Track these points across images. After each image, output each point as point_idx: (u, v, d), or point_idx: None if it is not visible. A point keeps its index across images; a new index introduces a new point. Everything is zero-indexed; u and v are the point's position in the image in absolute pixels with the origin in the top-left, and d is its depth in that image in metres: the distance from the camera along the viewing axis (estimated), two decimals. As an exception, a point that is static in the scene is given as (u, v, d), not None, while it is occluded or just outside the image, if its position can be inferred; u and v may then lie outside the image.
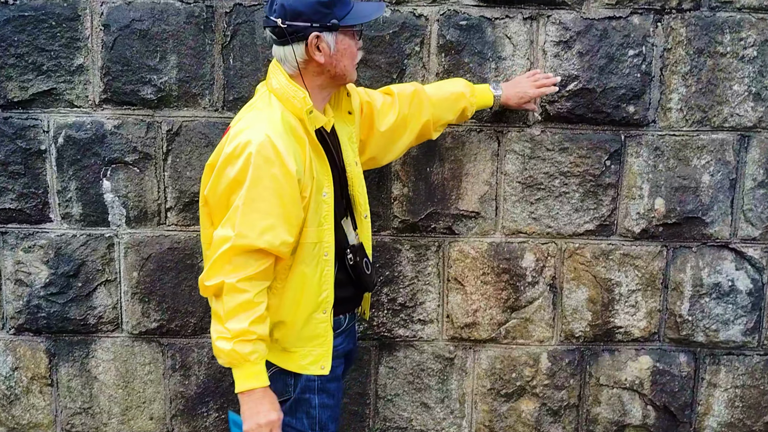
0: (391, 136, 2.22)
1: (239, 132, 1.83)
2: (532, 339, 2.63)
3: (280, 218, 1.81)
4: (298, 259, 1.92)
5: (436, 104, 2.25)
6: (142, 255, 2.53)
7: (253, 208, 1.79)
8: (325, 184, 1.93)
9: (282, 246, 1.81)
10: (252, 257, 1.79)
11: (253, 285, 1.80)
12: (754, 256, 2.58)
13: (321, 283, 1.95)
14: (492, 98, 2.34)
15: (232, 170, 1.79)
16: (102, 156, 2.46)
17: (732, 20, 2.43)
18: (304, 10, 1.80)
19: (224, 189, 1.83)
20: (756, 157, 2.51)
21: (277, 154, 1.78)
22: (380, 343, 2.64)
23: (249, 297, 1.78)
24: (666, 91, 2.47)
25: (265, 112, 1.87)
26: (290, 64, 1.87)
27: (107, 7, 2.36)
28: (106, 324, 2.59)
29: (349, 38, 1.90)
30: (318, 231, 1.92)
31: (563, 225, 2.55)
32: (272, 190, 1.79)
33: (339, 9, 1.85)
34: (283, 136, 1.81)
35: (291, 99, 1.85)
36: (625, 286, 2.59)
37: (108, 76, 2.40)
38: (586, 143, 2.49)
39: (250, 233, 1.78)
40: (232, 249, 1.78)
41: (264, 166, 1.77)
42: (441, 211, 2.53)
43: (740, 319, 2.62)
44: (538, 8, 2.41)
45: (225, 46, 2.40)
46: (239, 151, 1.78)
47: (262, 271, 1.81)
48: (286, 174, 1.79)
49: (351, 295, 2.11)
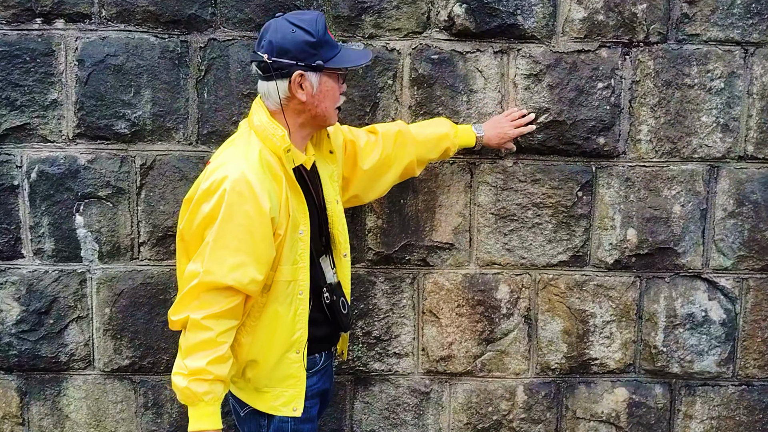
0: (374, 175, 2.28)
1: (216, 168, 1.87)
2: (508, 372, 2.67)
3: (250, 256, 1.83)
4: (271, 298, 1.94)
5: (420, 144, 2.33)
6: (115, 291, 2.56)
7: (222, 244, 1.82)
8: (302, 222, 1.96)
9: (251, 284, 1.84)
10: (220, 294, 1.82)
11: (219, 323, 1.82)
12: (726, 286, 2.65)
13: (294, 322, 1.97)
14: (474, 138, 2.44)
15: (207, 206, 1.84)
16: (75, 191, 2.50)
17: (699, 52, 2.54)
18: (292, 48, 1.87)
19: (199, 224, 1.87)
20: (726, 187, 2.60)
21: (251, 191, 1.82)
22: (355, 378, 2.67)
23: (211, 336, 1.80)
24: (635, 123, 2.56)
25: (244, 148, 1.92)
26: (273, 100, 1.93)
27: (82, 42, 2.43)
28: (78, 361, 2.61)
29: (332, 81, 1.95)
30: (293, 269, 1.95)
31: (537, 256, 2.61)
32: (244, 227, 1.82)
33: (326, 51, 1.91)
34: (259, 173, 1.85)
35: (270, 137, 1.90)
36: (599, 317, 2.65)
37: (82, 110, 2.46)
38: (557, 174, 2.57)
39: (219, 270, 1.81)
40: (200, 285, 1.82)
41: (237, 203, 1.81)
42: (415, 242, 2.59)
43: (714, 349, 2.68)
44: (508, 42, 2.51)
45: (199, 81, 2.47)
46: (214, 187, 1.83)
47: (229, 309, 1.83)
48: (259, 211, 1.83)
49: (327, 334, 2.13)
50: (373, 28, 2.46)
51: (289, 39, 1.87)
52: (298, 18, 1.91)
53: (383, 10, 2.45)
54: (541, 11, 2.47)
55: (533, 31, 2.48)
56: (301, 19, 1.91)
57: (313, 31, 1.88)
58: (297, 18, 1.91)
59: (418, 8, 2.46)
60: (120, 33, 2.43)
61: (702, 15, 2.51)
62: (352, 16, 2.44)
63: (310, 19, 1.91)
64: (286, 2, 2.42)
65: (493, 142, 2.47)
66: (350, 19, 2.44)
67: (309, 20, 1.90)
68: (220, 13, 2.44)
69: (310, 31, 1.88)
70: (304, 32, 1.87)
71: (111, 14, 2.42)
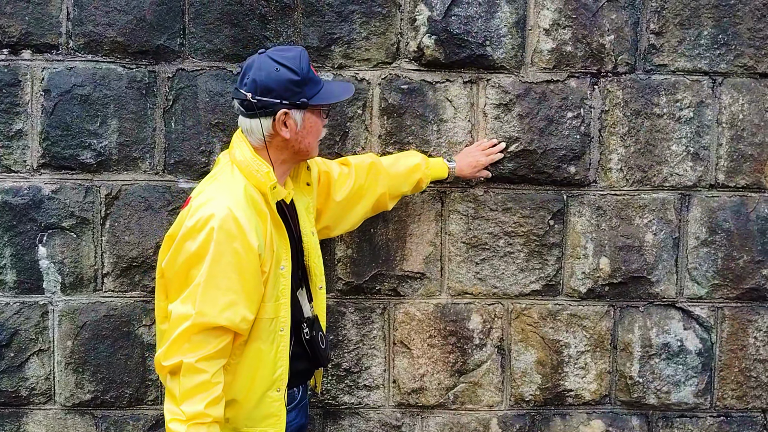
0: (346, 206, 2.36)
1: (201, 205, 1.92)
2: (482, 404, 2.72)
3: (241, 294, 1.88)
4: (253, 335, 1.98)
5: (392, 177, 2.42)
6: (77, 323, 2.60)
7: (213, 284, 1.86)
8: (284, 258, 2.02)
9: (242, 323, 1.89)
10: (211, 335, 1.86)
11: (212, 364, 1.85)
12: (701, 315, 2.73)
13: (276, 359, 2.01)
14: (447, 170, 2.54)
15: (193, 244, 1.87)
16: (38, 222, 2.55)
17: (667, 82, 2.65)
18: (275, 87, 1.94)
19: (183, 263, 1.90)
20: (698, 215, 2.70)
21: (239, 228, 1.87)
22: (325, 411, 2.71)
23: (207, 378, 1.84)
24: (605, 152, 2.66)
25: (228, 184, 1.97)
26: (256, 137, 1.99)
27: (48, 73, 2.51)
28: (39, 396, 2.63)
29: (316, 116, 2.04)
30: (275, 306, 2.00)
31: (509, 285, 2.68)
32: (233, 266, 1.87)
33: (309, 88, 1.98)
34: (246, 209, 1.91)
35: (255, 173, 1.95)
36: (573, 347, 2.72)
37: (47, 140, 2.53)
38: (529, 203, 2.66)
39: (211, 311, 1.85)
40: (192, 327, 1.84)
41: (226, 241, 1.86)
42: (386, 272, 2.65)
43: (691, 380, 2.75)
44: (477, 72, 2.61)
45: (167, 110, 2.54)
46: (201, 224, 1.87)
47: (221, 349, 1.88)
48: (248, 249, 1.88)
49: (306, 368, 2.19)
50: (343, 58, 2.56)
51: (273, 77, 1.94)
52: (282, 55, 1.98)
53: (353, 41, 2.56)
54: (510, 42, 2.59)
55: (502, 61, 2.59)
56: (284, 56, 1.97)
57: (297, 69, 1.95)
58: (280, 55, 1.98)
59: (388, 39, 2.57)
60: (87, 63, 2.51)
61: (669, 46, 2.63)
62: (321, 47, 2.54)
63: (294, 56, 1.98)
64: (254, 33, 2.53)
65: (466, 172, 2.56)
66: (320, 49, 2.54)
67: (293, 57, 1.97)
68: (188, 43, 2.53)
69: (294, 69, 1.94)
70: (288, 70, 1.94)
71: (79, 45, 2.51)
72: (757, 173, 2.67)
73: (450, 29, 2.56)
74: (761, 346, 2.73)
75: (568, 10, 2.59)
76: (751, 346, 2.74)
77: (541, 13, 2.59)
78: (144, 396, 2.64)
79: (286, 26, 2.53)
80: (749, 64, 2.64)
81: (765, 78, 2.65)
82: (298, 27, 2.54)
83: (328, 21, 2.54)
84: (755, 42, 2.63)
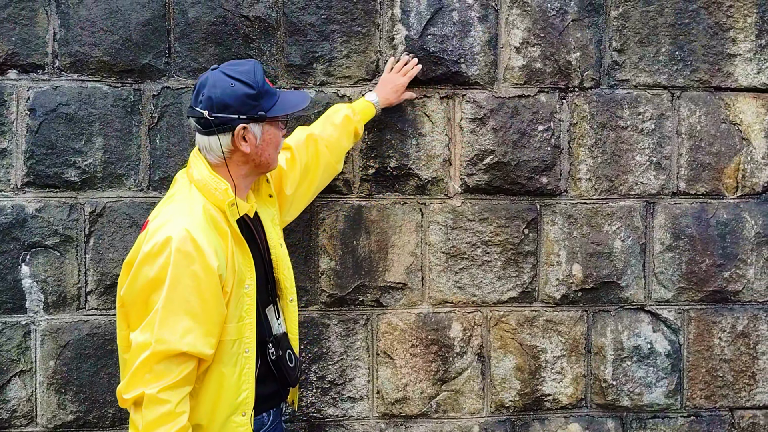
0: (298, 192, 2.75)
1: (158, 228, 2.15)
2: (463, 411, 3.33)
3: (202, 318, 2.11)
4: (216, 358, 2.20)
5: (329, 140, 2.83)
6: (60, 342, 3.07)
7: (172, 310, 2.07)
8: (248, 276, 2.27)
9: (205, 347, 2.11)
10: (173, 363, 2.06)
11: (175, 393, 2.06)
12: (669, 317, 3.42)
13: (240, 383, 2.25)
14: (373, 107, 3.01)
15: (151, 270, 2.10)
16: (22, 240, 3.02)
17: (630, 96, 3.35)
18: (232, 102, 2.21)
19: (142, 289, 2.12)
20: (662, 222, 3.40)
21: (197, 249, 2.09)
22: (309, 425, 3.24)
23: (170, 408, 2.05)
24: (575, 163, 3.34)
25: (186, 204, 2.22)
26: (215, 154, 2.26)
27: (34, 92, 3.01)
28: (20, 418, 3.07)
29: (274, 128, 2.34)
30: (238, 327, 2.24)
31: (487, 293, 3.31)
32: (193, 289, 2.08)
33: (266, 101, 2.27)
34: (205, 229, 2.15)
35: (213, 191, 2.22)
36: (550, 352, 3.36)
37: (32, 159, 3.01)
38: (504, 213, 3.30)
39: (171, 337, 2.05)
40: (153, 356, 2.05)
41: (184, 264, 2.08)
42: (368, 283, 3.24)
43: (662, 381, 3.43)
44: (453, 88, 3.25)
45: (152, 128, 3.07)
46: (158, 249, 2.10)
47: (184, 377, 2.09)
48: (207, 270, 2.10)
49: (275, 391, 2.45)
50: (325, 76, 3.16)
51: (228, 93, 2.21)
52: (235, 70, 2.26)
53: (334, 59, 3.17)
54: (483, 59, 3.25)
55: (476, 78, 3.24)
56: (238, 71, 2.25)
57: (253, 83, 2.23)
58: (234, 70, 2.26)
59: (367, 57, 3.19)
60: (73, 83, 3.03)
61: (630, 62, 3.34)
62: (303, 65, 3.14)
63: (248, 70, 2.26)
64: (238, 52, 3.09)
65: (391, 98, 3.04)
66: (302, 67, 3.14)
67: (247, 71, 2.25)
68: (173, 62, 3.08)
69: (249, 83, 2.23)
70: (243, 85, 2.22)
71: (65, 64, 3.02)
72: (715, 181, 3.38)
73: (426, 47, 3.20)
74: (725, 347, 3.43)
75: (536, 29, 3.26)
76: (716, 347, 3.43)
77: (511, 32, 3.27)
78: (127, 415, 2.97)
79: (269, 45, 3.13)
80: (704, 79, 3.35)
81: (719, 91, 3.37)
82: (281, 46, 3.14)
83: (310, 40, 3.15)
84: (709, 58, 3.35)
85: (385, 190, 3.25)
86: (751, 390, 3.45)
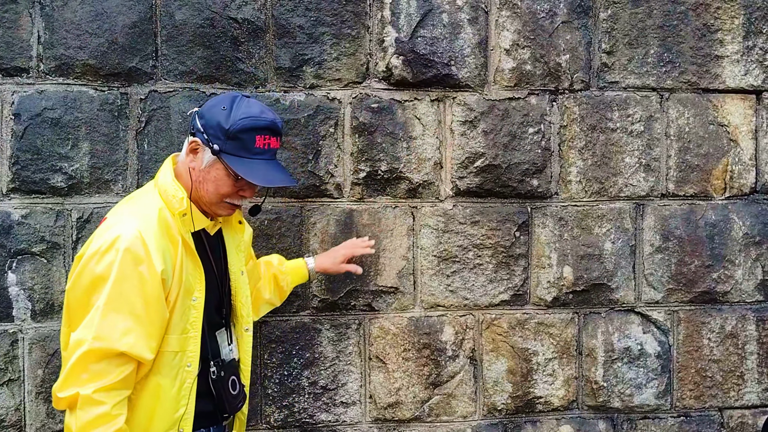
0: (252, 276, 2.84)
1: (110, 226, 2.23)
2: (456, 415, 3.46)
3: (144, 320, 2.15)
4: (154, 369, 2.23)
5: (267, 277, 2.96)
6: (48, 351, 3.12)
7: (114, 308, 2.11)
8: (197, 289, 2.32)
9: (144, 350, 2.15)
10: (112, 363, 2.10)
11: (111, 395, 2.08)
12: (659, 318, 3.57)
13: (179, 398, 2.28)
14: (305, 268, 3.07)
15: (98, 267, 2.15)
16: (8, 248, 3.08)
17: (619, 98, 3.50)
18: (208, 118, 2.32)
19: (87, 286, 2.17)
20: (651, 224, 3.55)
21: (146, 251, 2.16)
22: (302, 431, 3.38)
23: (106, 410, 2.07)
24: (565, 165, 3.47)
25: (143, 205, 2.31)
26: (182, 154, 2.39)
27: (18, 96, 3.06)
28: (9, 428, 3.12)
29: (223, 173, 2.33)
30: (181, 339, 2.28)
31: (479, 296, 3.43)
32: (137, 290, 2.14)
33: (233, 145, 2.29)
34: (156, 233, 2.21)
35: (171, 198, 2.30)
36: (541, 354, 3.49)
37: (17, 165, 3.07)
38: (495, 216, 3.42)
39: (110, 335, 2.09)
40: (89, 353, 2.08)
41: (131, 264, 2.14)
42: (360, 287, 3.34)
43: (652, 382, 3.58)
44: (444, 91, 3.36)
45: (139, 132, 3.15)
46: (106, 247, 2.16)
47: (122, 379, 2.12)
48: (153, 273, 2.16)
49: (210, 411, 2.45)
50: (314, 78, 3.26)
51: (215, 110, 2.32)
52: (247, 105, 2.34)
53: (323, 61, 3.26)
54: (474, 62, 3.36)
55: (467, 80, 3.36)
56: (247, 109, 2.32)
57: (233, 123, 2.27)
58: (246, 104, 2.34)
59: (357, 59, 3.29)
60: (58, 86, 3.08)
61: (620, 64, 3.48)
62: (293, 68, 3.22)
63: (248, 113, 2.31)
64: (227, 55, 3.17)
65: (327, 265, 3.08)
66: (292, 70, 3.22)
67: (245, 113, 2.30)
68: (161, 65, 3.16)
69: (231, 118, 2.28)
70: (227, 115, 2.29)
71: (50, 68, 3.08)
72: (703, 182, 3.53)
73: (417, 50, 3.30)
74: (714, 347, 3.59)
75: (526, 31, 3.38)
76: (705, 347, 3.59)
77: (501, 34, 3.40)
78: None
79: (258, 48, 3.22)
80: (693, 80, 3.50)
81: (707, 93, 3.52)
82: (270, 48, 3.23)
83: (299, 42, 3.24)
84: (697, 59, 3.50)
85: (376, 194, 3.35)
86: (740, 390, 3.61)
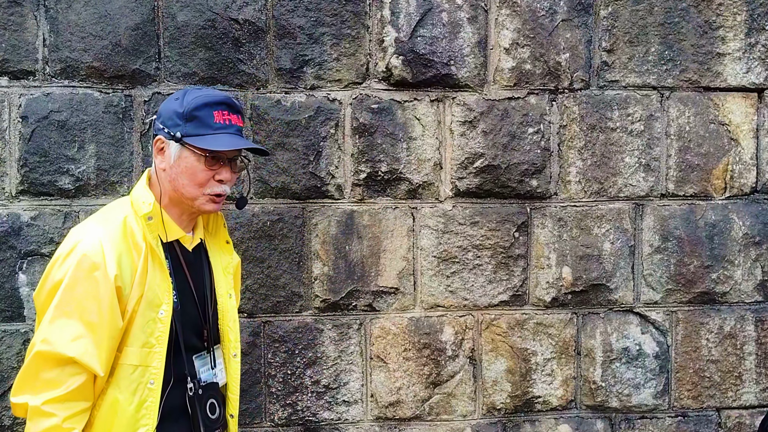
0: None
1: (74, 233, 2.27)
2: (456, 414, 3.65)
3: (95, 327, 2.14)
4: (111, 383, 2.21)
5: None
6: None
7: (64, 312, 2.12)
8: (164, 302, 2.28)
9: (93, 359, 2.11)
10: (63, 372, 2.09)
11: (63, 407, 2.07)
12: (657, 319, 3.74)
13: (138, 417, 2.23)
14: None
15: (57, 273, 2.18)
16: (18, 249, 3.27)
17: (619, 97, 3.66)
18: (164, 113, 2.34)
19: (48, 292, 2.18)
20: (651, 224, 3.73)
21: (102, 257, 2.17)
22: (305, 429, 3.53)
23: (56, 422, 2.05)
24: (564, 165, 3.64)
25: (111, 213, 2.33)
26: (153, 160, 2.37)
27: (25, 99, 3.25)
28: (22, 425, 3.27)
29: (194, 159, 2.30)
30: (143, 353, 2.23)
31: (479, 297, 3.62)
32: (90, 295, 2.14)
33: (192, 125, 2.29)
34: (116, 240, 2.22)
35: (140, 203, 2.30)
36: (540, 354, 3.67)
37: (25, 167, 3.25)
38: (495, 216, 3.61)
39: (58, 339, 2.08)
40: (37, 357, 2.09)
41: (86, 270, 2.15)
42: (361, 288, 3.53)
43: (650, 382, 3.75)
44: (443, 91, 3.54)
45: (144, 134, 3.33)
46: (66, 252, 2.19)
47: (75, 389, 2.10)
48: (106, 279, 2.16)
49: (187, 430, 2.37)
50: (315, 79, 3.44)
51: (169, 104, 2.34)
52: (199, 90, 2.38)
53: (324, 62, 3.44)
54: (473, 61, 3.54)
55: (466, 80, 3.53)
56: (198, 92, 2.35)
57: (186, 104, 2.29)
58: (198, 90, 2.38)
59: (357, 60, 3.48)
60: (64, 89, 3.27)
61: (620, 62, 3.65)
62: (294, 69, 3.40)
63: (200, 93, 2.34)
64: (228, 56, 3.35)
65: None
66: (292, 71, 3.40)
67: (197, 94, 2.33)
68: (164, 67, 3.34)
69: (185, 102, 2.30)
70: (180, 101, 2.31)
71: (55, 71, 3.26)
72: (704, 182, 3.69)
73: (416, 50, 3.48)
74: (713, 347, 3.76)
75: (526, 29, 3.55)
76: (703, 348, 3.76)
77: (501, 33, 3.57)
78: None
79: (259, 49, 3.40)
80: (693, 79, 3.66)
81: (709, 91, 3.68)
82: (271, 49, 3.41)
83: (299, 43, 3.42)
84: (698, 57, 3.66)
85: (376, 195, 3.54)
86: (738, 390, 3.80)
